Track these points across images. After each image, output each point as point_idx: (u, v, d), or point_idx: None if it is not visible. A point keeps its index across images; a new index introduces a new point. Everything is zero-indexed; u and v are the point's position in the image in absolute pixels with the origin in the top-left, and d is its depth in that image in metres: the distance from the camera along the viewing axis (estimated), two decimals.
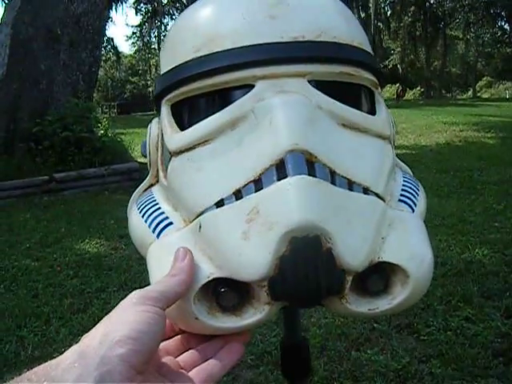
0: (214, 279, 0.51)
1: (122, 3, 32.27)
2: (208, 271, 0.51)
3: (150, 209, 0.61)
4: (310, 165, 0.50)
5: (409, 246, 0.54)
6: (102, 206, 6.07)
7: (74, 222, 5.51)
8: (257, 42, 0.56)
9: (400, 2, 37.51)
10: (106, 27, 31.66)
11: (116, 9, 33.27)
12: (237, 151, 0.54)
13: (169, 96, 0.62)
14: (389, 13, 38.70)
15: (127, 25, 59.26)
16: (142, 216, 0.61)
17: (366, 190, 0.54)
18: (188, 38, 0.60)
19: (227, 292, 0.51)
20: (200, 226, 0.53)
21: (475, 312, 2.95)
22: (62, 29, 8.20)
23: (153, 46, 40.78)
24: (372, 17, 34.17)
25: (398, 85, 35.22)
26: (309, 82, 0.57)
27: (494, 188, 6.22)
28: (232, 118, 0.55)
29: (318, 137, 0.52)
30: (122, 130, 10.75)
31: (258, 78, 0.56)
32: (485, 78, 39.93)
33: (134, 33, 42.32)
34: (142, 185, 0.69)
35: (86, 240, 4.79)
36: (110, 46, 38.40)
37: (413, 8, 37.29)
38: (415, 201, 0.62)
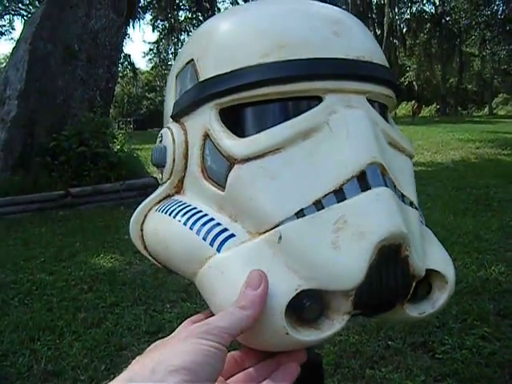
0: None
1: (139, 20, 32.57)
2: (295, 283, 0.50)
3: (196, 219, 0.57)
4: (383, 178, 0.53)
5: (442, 254, 0.59)
6: (117, 220, 6.09)
7: (89, 237, 5.54)
8: (327, 55, 0.56)
9: (415, 19, 37.59)
10: (123, 44, 32.00)
11: (133, 25, 33.64)
12: (311, 161, 0.54)
13: (222, 100, 0.58)
14: (404, 30, 38.77)
15: (144, 41, 59.51)
16: (186, 226, 0.57)
17: (411, 204, 0.58)
18: (251, 41, 0.58)
19: (312, 305, 0.50)
20: (280, 237, 0.51)
21: (491, 330, 2.92)
22: (80, 45, 8.31)
23: (169, 63, 41.06)
24: (385, 34, 34.23)
25: (413, 102, 35.21)
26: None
27: (511, 205, 6.17)
28: (306, 128, 0.54)
29: (383, 152, 0.55)
30: (138, 145, 10.79)
31: (328, 91, 0.56)
32: (501, 95, 39.78)
33: (150, 49, 42.71)
34: (154, 195, 0.65)
35: (101, 255, 4.81)
36: (126, 63, 38.72)
37: (428, 25, 37.33)
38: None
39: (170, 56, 40.18)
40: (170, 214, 0.60)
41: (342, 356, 2.69)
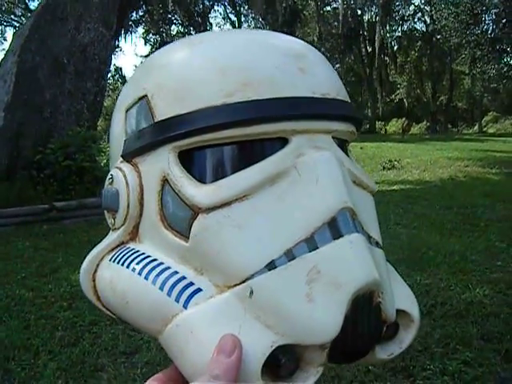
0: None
1: (131, 33, 32.65)
2: (270, 340, 0.47)
3: (158, 272, 0.53)
4: (353, 223, 0.51)
5: (406, 292, 0.58)
6: (101, 236, 5.93)
7: (72, 252, 5.47)
8: (293, 94, 0.53)
9: (407, 36, 37.90)
10: (115, 56, 32.09)
11: (125, 39, 33.71)
12: (280, 208, 0.51)
13: (181, 143, 0.53)
14: (395, 47, 39.07)
15: (136, 54, 59.59)
16: (148, 280, 0.53)
17: (377, 244, 0.56)
18: (212, 78, 0.54)
19: (287, 361, 0.48)
20: (251, 292, 0.49)
21: (474, 355, 2.88)
22: (68, 58, 8.29)
23: None
24: (376, 51, 34.48)
25: (403, 119, 35.40)
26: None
27: (498, 225, 6.17)
28: (273, 173, 0.52)
29: (351, 194, 0.52)
30: None
31: (295, 132, 0.53)
32: (491, 113, 40.03)
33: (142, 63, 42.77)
34: (106, 242, 0.60)
35: None
36: (118, 75, 38.75)
37: (419, 43, 37.64)
38: None
39: None
40: (128, 266, 0.56)
41: (321, 380, 2.63)
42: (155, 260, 0.54)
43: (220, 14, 42.01)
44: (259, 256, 0.49)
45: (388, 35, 36.24)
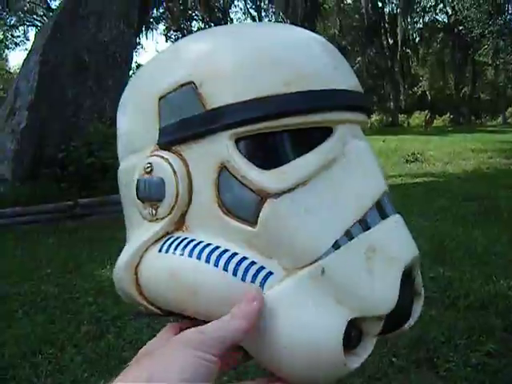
0: None
1: (152, 30, 32.79)
2: (344, 314, 0.51)
3: (227, 259, 0.54)
4: (391, 204, 0.57)
5: None
6: (124, 232, 6.00)
7: (96, 248, 5.53)
8: (335, 87, 0.57)
9: (428, 28, 37.51)
10: (136, 53, 32.20)
11: (146, 36, 33.82)
12: (336, 192, 0.55)
13: (239, 130, 0.54)
14: (417, 39, 38.68)
15: (157, 51, 59.72)
16: (218, 267, 0.53)
17: None
18: (269, 69, 0.55)
19: (356, 333, 0.53)
20: (323, 271, 0.52)
21: (498, 347, 2.86)
22: (90, 56, 8.36)
23: None
24: (399, 44, 34.16)
25: (426, 112, 35.07)
26: None
27: None
28: (328, 160, 0.55)
29: None
30: None
31: (339, 122, 0.57)
32: None
33: None
34: (150, 233, 0.59)
35: (107, 266, 4.78)
36: None
37: (441, 34, 37.22)
38: None
39: None
40: (190, 255, 0.55)
41: None
42: (219, 247, 0.55)
43: (240, 9, 41.93)
44: (326, 237, 0.53)
45: (409, 27, 35.88)
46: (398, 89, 36.82)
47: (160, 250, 0.58)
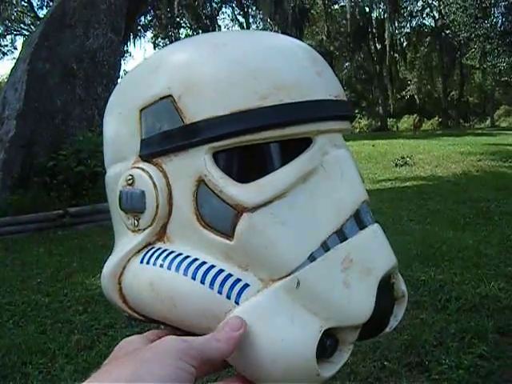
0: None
1: (140, 38, 32.83)
2: (318, 325, 0.52)
3: (205, 272, 0.54)
4: (370, 213, 0.57)
5: None
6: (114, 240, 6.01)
7: (87, 257, 5.51)
8: (316, 97, 0.57)
9: (416, 32, 37.73)
10: (125, 61, 32.19)
11: (134, 43, 33.82)
12: (313, 204, 0.55)
13: (217, 144, 0.54)
14: (405, 44, 38.89)
15: (146, 59, 59.84)
16: (196, 280, 0.54)
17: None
18: (246, 82, 0.55)
19: (331, 342, 0.53)
20: (298, 283, 0.52)
21: (490, 349, 2.87)
22: (78, 64, 8.34)
23: None
24: (387, 48, 34.34)
25: (415, 115, 35.23)
26: None
27: None
28: (306, 171, 0.55)
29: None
30: None
31: (319, 133, 0.57)
32: (503, 107, 39.76)
33: None
34: (133, 244, 0.60)
35: (98, 275, 4.72)
36: None
37: (429, 38, 37.44)
38: None
39: None
40: (169, 268, 0.56)
41: (336, 377, 2.63)
42: (197, 259, 0.56)
43: (228, 15, 42.04)
44: (302, 249, 0.53)
45: (397, 32, 36.08)
46: (386, 93, 37.00)
47: (141, 261, 0.59)
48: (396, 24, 35.64)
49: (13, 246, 6.31)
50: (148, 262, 0.58)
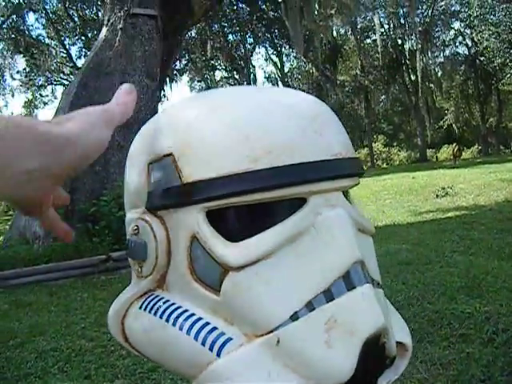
0: None
1: (176, 82, 33.50)
2: (296, 382, 0.52)
3: (192, 323, 0.57)
4: (363, 273, 0.56)
5: (400, 323, 0.63)
6: None
7: None
8: (311, 158, 0.58)
9: (450, 61, 37.60)
10: (162, 105, 32.82)
11: (171, 87, 34.44)
12: (300, 264, 0.56)
13: (208, 204, 0.57)
14: (439, 73, 38.75)
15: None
16: (183, 331, 0.57)
17: (378, 285, 0.60)
18: (238, 145, 0.57)
19: None
20: (278, 341, 0.54)
21: None
22: None
23: None
24: (419, 79, 34.25)
25: (454, 145, 34.85)
26: None
27: None
28: (294, 233, 0.56)
29: (360, 246, 0.57)
30: None
31: (312, 193, 0.58)
32: None
33: None
34: (136, 289, 0.64)
35: None
36: None
37: (463, 67, 37.27)
38: None
39: None
40: (161, 317, 0.60)
41: None
42: (187, 311, 0.59)
43: (262, 55, 42.63)
44: (284, 309, 0.54)
45: (430, 62, 36.01)
46: (423, 124, 36.77)
47: (140, 307, 0.63)
48: (429, 54, 35.61)
49: (57, 292, 6.40)
50: (145, 309, 0.62)
